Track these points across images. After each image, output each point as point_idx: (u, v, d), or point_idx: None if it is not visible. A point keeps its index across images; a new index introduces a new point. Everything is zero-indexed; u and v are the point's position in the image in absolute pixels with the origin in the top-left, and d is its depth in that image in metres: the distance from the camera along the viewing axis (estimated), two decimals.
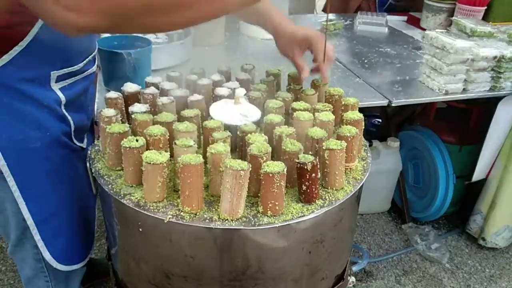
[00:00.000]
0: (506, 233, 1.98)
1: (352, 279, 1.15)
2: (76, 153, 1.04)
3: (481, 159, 1.81)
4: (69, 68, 0.95)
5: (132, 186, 0.84)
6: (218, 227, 0.77)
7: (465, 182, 2.01)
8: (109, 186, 0.85)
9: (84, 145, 1.08)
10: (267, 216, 0.78)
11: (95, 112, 1.15)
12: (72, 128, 1.01)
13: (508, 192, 1.87)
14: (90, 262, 1.19)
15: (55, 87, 0.94)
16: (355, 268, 1.81)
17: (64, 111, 0.97)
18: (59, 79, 0.94)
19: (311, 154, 0.82)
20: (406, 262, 2.00)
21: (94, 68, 1.08)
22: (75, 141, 1.03)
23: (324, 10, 2.53)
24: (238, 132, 0.89)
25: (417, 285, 1.89)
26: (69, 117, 0.99)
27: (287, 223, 0.78)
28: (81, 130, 1.06)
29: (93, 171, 0.90)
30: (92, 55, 1.04)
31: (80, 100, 1.04)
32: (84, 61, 1.00)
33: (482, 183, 1.93)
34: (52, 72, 0.91)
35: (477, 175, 1.87)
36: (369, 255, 1.97)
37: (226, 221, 0.77)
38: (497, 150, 1.83)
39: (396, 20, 2.30)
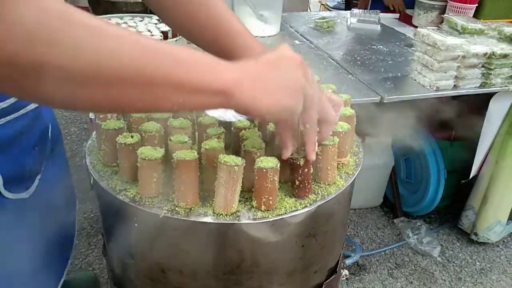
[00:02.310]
0: (498, 227, 2.01)
1: (345, 272, 1.17)
2: (11, 207, 0.80)
3: (477, 156, 1.84)
4: None
5: (127, 182, 0.85)
6: (213, 221, 0.78)
7: (461, 181, 2.03)
8: (105, 182, 0.86)
9: (27, 193, 0.83)
10: (261, 210, 0.80)
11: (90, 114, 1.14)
12: (0, 182, 0.76)
13: (500, 187, 1.90)
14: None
15: None
16: (348, 262, 1.83)
17: None
18: None
19: (303, 150, 0.83)
20: (399, 255, 2.03)
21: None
22: (6, 194, 0.78)
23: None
24: (232, 128, 0.90)
25: (409, 278, 1.92)
26: None
27: (281, 217, 0.79)
28: (20, 179, 0.82)
29: (88, 167, 0.91)
30: None
31: (17, 144, 0.79)
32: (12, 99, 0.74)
33: (473, 178, 1.96)
34: None
35: (473, 172, 1.90)
36: (362, 248, 2.00)
37: (221, 215, 0.78)
38: (489, 146, 1.85)
39: (388, 18, 2.33)
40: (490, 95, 1.65)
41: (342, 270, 1.12)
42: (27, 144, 0.82)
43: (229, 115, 0.95)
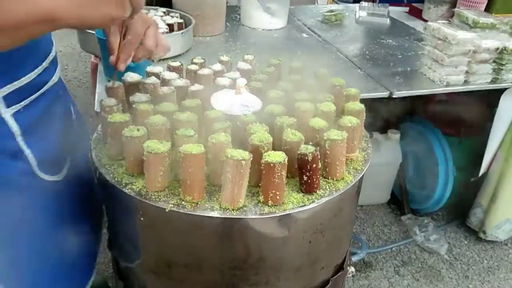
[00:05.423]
0: (507, 226, 1.99)
1: (351, 269, 1.16)
2: (47, 189, 0.85)
3: (487, 153, 1.81)
4: (16, 83, 0.74)
5: (133, 176, 0.84)
6: (219, 216, 0.77)
7: (471, 179, 2.01)
8: (111, 175, 0.85)
9: (59, 176, 0.87)
10: (268, 205, 0.79)
11: (96, 104, 1.15)
12: (34, 164, 0.81)
13: (509, 185, 1.87)
14: None
15: (6, 114, 0.74)
16: (354, 259, 1.82)
17: (20, 143, 0.78)
18: (9, 101, 0.74)
19: (312, 145, 0.82)
20: (405, 253, 2.02)
21: (56, 78, 0.88)
22: (41, 175, 0.83)
23: None
24: (238, 123, 0.89)
25: (416, 275, 1.90)
26: (27, 151, 0.79)
27: (288, 212, 0.78)
28: (52, 160, 0.86)
29: (94, 160, 0.90)
30: (48, 60, 0.83)
31: (47, 123, 0.84)
32: (36, 70, 0.79)
33: (482, 176, 1.94)
34: None
35: (483, 170, 1.87)
36: (368, 246, 1.99)
37: (227, 210, 0.77)
38: (499, 143, 1.83)
39: (397, 11, 2.29)
40: (501, 91, 1.62)
41: (348, 267, 1.11)
42: (53, 125, 0.87)
43: (235, 109, 0.93)
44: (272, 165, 0.75)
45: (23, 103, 0.77)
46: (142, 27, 0.82)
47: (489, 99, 1.76)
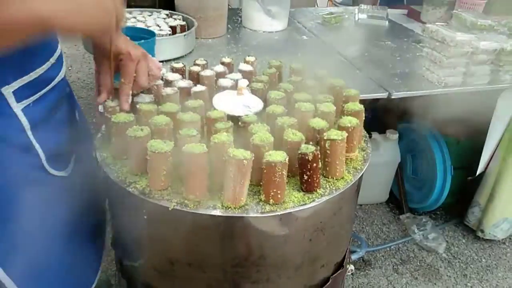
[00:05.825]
0: (505, 225, 2.01)
1: (351, 267, 1.17)
2: (55, 184, 0.86)
3: (484, 152, 1.83)
4: (26, 77, 0.76)
5: (137, 175, 0.86)
6: (221, 214, 0.78)
7: (468, 178, 2.02)
8: (115, 174, 0.86)
9: (66, 172, 0.89)
10: (269, 204, 0.80)
11: (99, 107, 1.15)
12: (43, 158, 0.83)
13: (507, 184, 1.89)
14: None
15: (17, 109, 0.76)
16: (353, 257, 1.84)
17: (30, 137, 0.80)
18: (19, 96, 0.76)
19: (312, 144, 0.84)
20: (404, 251, 2.04)
21: (63, 74, 0.90)
22: (50, 170, 0.85)
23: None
24: (239, 123, 0.91)
25: (414, 274, 1.92)
26: (36, 145, 0.81)
27: (289, 211, 0.80)
28: (59, 156, 0.88)
29: (99, 160, 0.92)
30: (54, 56, 0.84)
31: (54, 119, 0.86)
32: (44, 66, 0.80)
33: (480, 175, 1.95)
34: (3, 88, 0.73)
35: (480, 169, 1.89)
36: (367, 244, 2.00)
37: (229, 209, 0.79)
38: (497, 143, 1.84)
39: (396, 14, 2.31)
40: (499, 92, 1.64)
41: (348, 265, 1.12)
42: (60, 121, 0.89)
43: (237, 109, 0.95)
44: (273, 164, 0.76)
45: (32, 98, 0.79)
46: (132, 64, 0.88)
47: (487, 100, 1.78)
